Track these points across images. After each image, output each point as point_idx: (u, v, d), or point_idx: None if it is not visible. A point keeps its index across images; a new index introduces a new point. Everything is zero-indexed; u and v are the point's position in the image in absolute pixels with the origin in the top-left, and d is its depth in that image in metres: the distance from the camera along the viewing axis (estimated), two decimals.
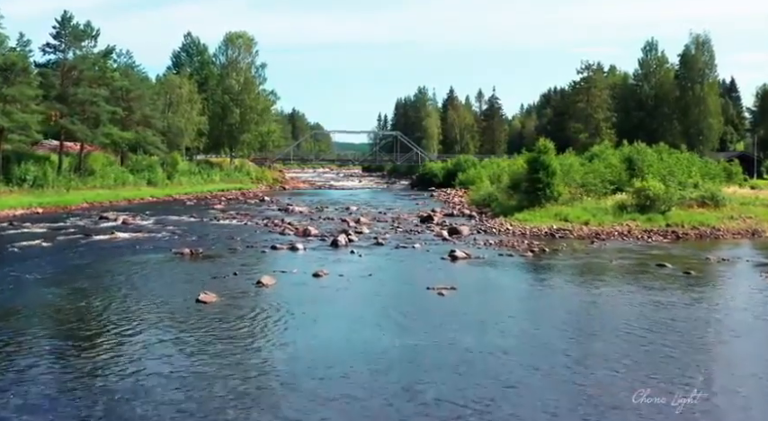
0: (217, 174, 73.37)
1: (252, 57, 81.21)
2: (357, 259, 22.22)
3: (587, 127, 64.94)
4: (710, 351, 12.46)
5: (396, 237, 28.48)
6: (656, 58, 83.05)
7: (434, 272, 19.83)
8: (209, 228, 32.29)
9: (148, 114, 60.22)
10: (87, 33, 52.82)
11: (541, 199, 34.93)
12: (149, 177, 58.65)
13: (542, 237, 29.36)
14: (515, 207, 35.96)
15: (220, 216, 37.94)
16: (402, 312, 14.79)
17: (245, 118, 77.98)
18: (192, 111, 68.90)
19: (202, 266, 20.62)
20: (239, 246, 24.87)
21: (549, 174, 35.21)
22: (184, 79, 70.93)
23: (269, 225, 33.22)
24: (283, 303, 15.31)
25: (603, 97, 74.90)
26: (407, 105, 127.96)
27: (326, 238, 27.12)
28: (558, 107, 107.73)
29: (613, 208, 33.99)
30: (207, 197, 57.51)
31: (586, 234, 29.86)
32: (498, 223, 32.85)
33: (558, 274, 19.92)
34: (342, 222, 34.37)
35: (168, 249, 23.85)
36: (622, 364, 11.13)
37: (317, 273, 18.79)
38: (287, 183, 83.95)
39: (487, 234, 30.05)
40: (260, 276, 17.85)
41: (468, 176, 65.89)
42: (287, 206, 44.61)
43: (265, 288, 16.96)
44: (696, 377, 10.52)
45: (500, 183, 42.83)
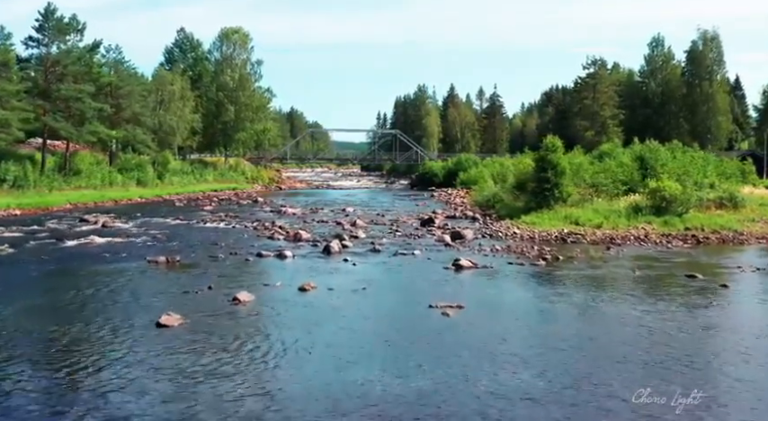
0: (210, 173, 71.16)
1: (247, 53, 79.06)
2: (350, 269, 19.95)
3: (593, 124, 62.46)
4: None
5: (394, 242, 26.24)
6: (663, 55, 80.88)
7: (437, 285, 17.56)
8: (194, 231, 30.04)
9: (138, 112, 57.98)
10: (72, 27, 50.55)
11: (550, 200, 32.70)
12: (139, 177, 56.40)
13: (553, 241, 27.16)
14: (522, 209, 33.74)
15: (208, 218, 35.68)
16: (401, 339, 12.44)
17: (239, 116, 75.75)
18: (185, 109, 66.60)
19: (176, 278, 18.35)
20: (221, 254, 22.60)
21: (557, 173, 32.97)
22: (176, 76, 68.62)
23: (258, 228, 30.97)
24: (259, 328, 12.98)
25: (610, 94, 72.52)
26: (407, 104, 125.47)
27: (319, 244, 24.89)
28: (561, 105, 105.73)
29: (627, 210, 31.75)
30: (198, 198, 55.27)
31: (600, 238, 27.64)
32: (504, 226, 30.60)
33: (578, 288, 17.59)
34: (336, 225, 32.13)
35: (143, 257, 21.58)
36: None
37: (303, 287, 16.49)
38: (283, 183, 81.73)
39: (493, 238, 27.81)
40: (237, 291, 15.53)
41: (469, 176, 64.21)
42: (280, 207, 42.35)
43: (241, 306, 14.61)
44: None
45: (505, 184, 40.60)
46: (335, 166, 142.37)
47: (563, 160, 33.70)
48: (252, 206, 46.32)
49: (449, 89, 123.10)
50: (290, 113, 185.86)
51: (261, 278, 18.20)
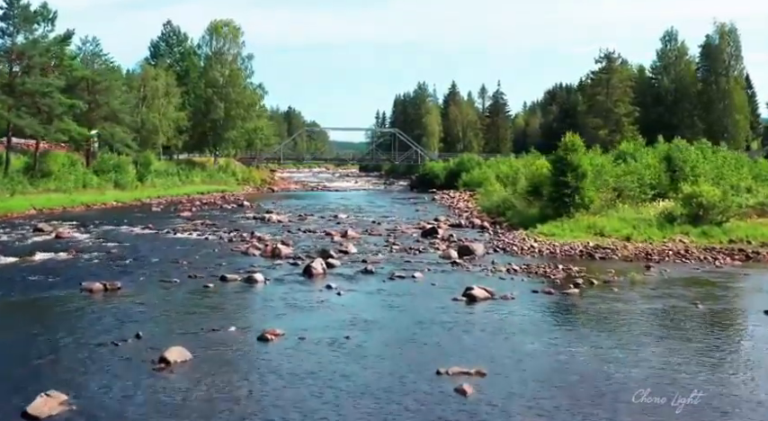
0: (198, 174, 66.87)
1: (238, 47, 74.72)
2: (333, 301, 15.69)
3: (607, 122, 58.18)
4: None
5: (391, 259, 22.03)
6: (676, 49, 76.61)
7: (446, 330, 13.26)
8: (158, 244, 25.80)
9: (117, 108, 53.67)
10: (43, 15, 46.25)
11: (569, 207, 28.52)
12: (117, 179, 52.07)
13: (578, 257, 23.04)
14: (537, 217, 29.56)
15: (181, 227, 31.43)
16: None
17: (230, 113, 71.49)
18: (169, 106, 62.32)
19: (101, 318, 14.08)
20: (177, 277, 18.36)
21: (578, 176, 28.79)
22: (161, 70, 64.36)
23: (234, 240, 26.76)
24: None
25: (624, 89, 68.05)
26: (407, 102, 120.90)
27: (300, 262, 20.70)
28: (565, 104, 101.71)
29: (658, 218, 27.57)
30: (181, 201, 51.01)
31: (633, 254, 23.49)
32: (519, 238, 26.39)
33: (636, 336, 13.13)
34: (325, 236, 27.92)
35: (79, 282, 17.32)
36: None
37: (264, 336, 12.19)
38: (276, 185, 77.50)
39: (507, 253, 23.64)
40: (171, 344, 11.28)
41: (472, 177, 60.59)
42: (266, 214, 38.07)
43: (166, 374, 10.19)
44: None
45: (515, 187, 36.39)
46: (334, 167, 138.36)
47: (584, 161, 29.50)
48: (235, 211, 42.10)
49: (450, 86, 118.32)
50: (287, 113, 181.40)
51: (212, 318, 13.92)
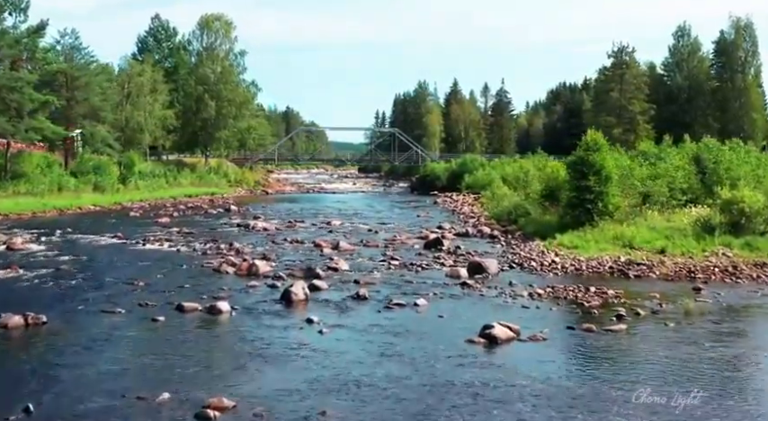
0: (187, 176, 63.27)
1: (230, 43, 71.13)
2: (313, 345, 12.11)
3: (621, 121, 54.59)
4: None
5: (388, 278, 18.54)
6: (689, 45, 73.12)
7: (463, 399, 9.70)
8: (119, 259, 22.27)
9: (98, 106, 50.28)
10: (14, 5, 42.95)
11: (593, 214, 25.04)
12: (97, 181, 48.53)
13: (608, 275, 19.64)
14: (555, 225, 26.08)
15: (153, 236, 27.88)
16: None
17: (221, 112, 67.89)
18: (155, 104, 58.77)
19: None
20: (125, 305, 14.85)
21: (602, 179, 25.30)
22: (147, 66, 60.83)
23: (209, 253, 23.25)
24: None
25: (639, 86, 64.41)
26: (406, 101, 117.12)
27: (280, 283, 17.22)
28: (570, 103, 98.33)
29: (693, 228, 24.09)
30: (165, 205, 47.50)
31: (673, 271, 20.04)
32: (537, 251, 22.90)
33: (723, 399, 9.84)
34: (314, 248, 24.42)
35: None
36: None
37: (204, 412, 8.54)
38: (271, 187, 73.91)
39: (525, 270, 20.20)
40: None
41: (476, 179, 57.33)
42: (252, 220, 34.51)
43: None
44: None
45: (527, 191, 32.88)
46: (333, 168, 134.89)
47: (608, 162, 26.00)
48: (220, 216, 38.56)
49: (452, 84, 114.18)
50: (285, 113, 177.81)
51: (144, 377, 10.38)
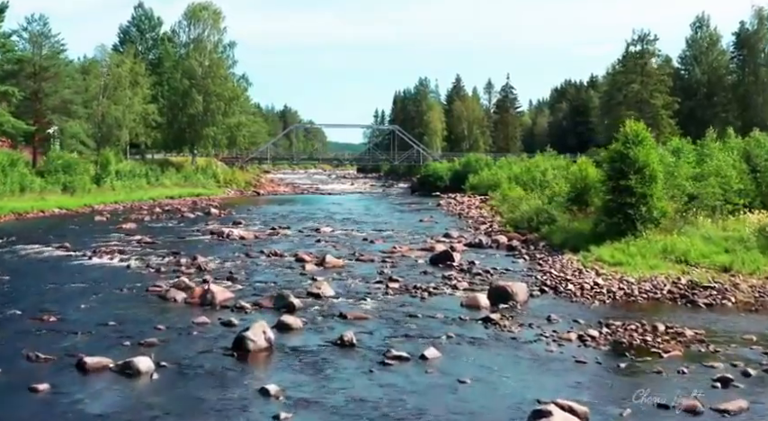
0: (171, 176, 58.65)
1: (219, 34, 66.50)
2: None
3: (643, 115, 50.08)
4: None
5: (385, 310, 13.98)
6: (708, 36, 68.47)
7: None
8: (47, 279, 17.63)
9: (68, 99, 45.73)
10: None
11: (635, 222, 20.52)
12: (66, 182, 43.98)
13: (669, 303, 15.22)
14: (588, 235, 21.55)
15: (107, 247, 23.22)
16: None
17: (209, 107, 63.28)
18: (135, 98, 54.11)
19: None
20: (9, 357, 10.30)
21: (645, 179, 20.79)
22: (127, 56, 56.18)
23: (163, 271, 18.67)
24: None
25: (662, 77, 59.58)
26: (406, 99, 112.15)
27: (238, 318, 12.68)
28: (575, 101, 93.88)
29: (758, 238, 19.58)
30: (141, 208, 43.02)
31: (754, 297, 15.56)
32: (571, 268, 18.37)
33: None
34: (295, 264, 19.86)
35: None
36: None
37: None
38: (262, 188, 69.30)
39: (561, 295, 15.74)
40: None
41: (481, 179, 53.27)
42: (229, 227, 29.91)
43: None
44: None
45: (549, 192, 28.23)
46: (331, 168, 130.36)
47: (653, 158, 21.45)
48: (197, 221, 33.97)
49: (454, 80, 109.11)
50: (282, 112, 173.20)
51: None
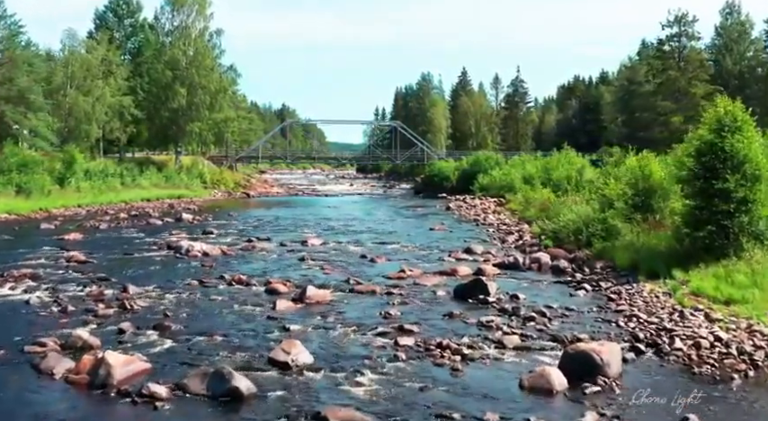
0: (151, 176, 52.78)
1: (205, 20, 60.66)
2: None
3: (681, 106, 44.27)
4: None
5: (392, 398, 8.22)
6: (739, 23, 62.75)
7: None
8: None
9: (25, 88, 40.12)
10: None
11: (735, 237, 14.80)
12: (21, 182, 38.27)
13: None
14: (666, 254, 15.80)
15: (12, 273, 17.22)
16: None
17: (193, 101, 57.61)
18: (105, 88, 48.36)
19: None
20: None
21: (747, 179, 15.08)
22: (100, 42, 50.44)
23: (70, 310, 12.92)
24: None
25: (702, 64, 53.51)
26: (408, 95, 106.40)
27: (142, 416, 6.98)
28: (585, 98, 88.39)
29: None
30: (106, 212, 37.36)
31: None
32: (661, 307, 12.59)
33: None
34: (264, 297, 14.09)
35: None
36: None
37: None
38: (253, 189, 63.46)
39: (667, 359, 9.97)
40: None
41: (492, 179, 47.60)
42: (195, 239, 24.08)
43: None
44: None
45: (596, 197, 22.41)
46: (331, 168, 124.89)
47: (755, 150, 15.70)
48: (162, 230, 28.15)
49: (460, 74, 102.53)
50: (280, 110, 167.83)
51: None
